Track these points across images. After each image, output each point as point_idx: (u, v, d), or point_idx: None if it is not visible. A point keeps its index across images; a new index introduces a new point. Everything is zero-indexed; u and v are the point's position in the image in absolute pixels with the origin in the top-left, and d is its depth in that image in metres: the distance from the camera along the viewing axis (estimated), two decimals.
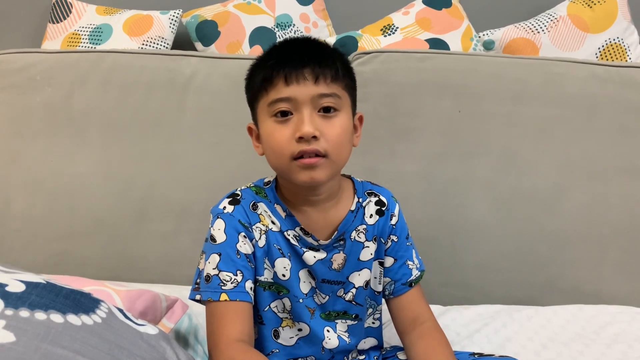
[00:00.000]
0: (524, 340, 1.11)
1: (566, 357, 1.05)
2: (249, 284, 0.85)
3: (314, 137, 0.79)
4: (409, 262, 0.95)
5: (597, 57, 1.99)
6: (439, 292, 1.29)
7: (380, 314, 0.98)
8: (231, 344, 0.80)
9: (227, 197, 0.89)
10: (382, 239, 0.93)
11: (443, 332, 0.91)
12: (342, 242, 0.90)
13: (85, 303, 0.72)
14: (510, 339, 1.11)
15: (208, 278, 0.84)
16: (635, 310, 1.21)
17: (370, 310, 0.96)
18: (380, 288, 0.95)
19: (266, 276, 0.87)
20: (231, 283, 0.84)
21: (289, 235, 0.88)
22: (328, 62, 0.81)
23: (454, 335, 1.13)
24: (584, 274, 1.29)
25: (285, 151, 0.80)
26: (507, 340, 1.11)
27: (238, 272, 0.84)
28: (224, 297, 0.83)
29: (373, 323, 0.98)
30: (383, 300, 0.97)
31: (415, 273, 0.95)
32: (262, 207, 0.88)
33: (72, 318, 0.67)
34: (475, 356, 0.88)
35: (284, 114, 0.81)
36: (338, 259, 0.90)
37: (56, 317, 0.66)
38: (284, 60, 0.81)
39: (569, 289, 1.29)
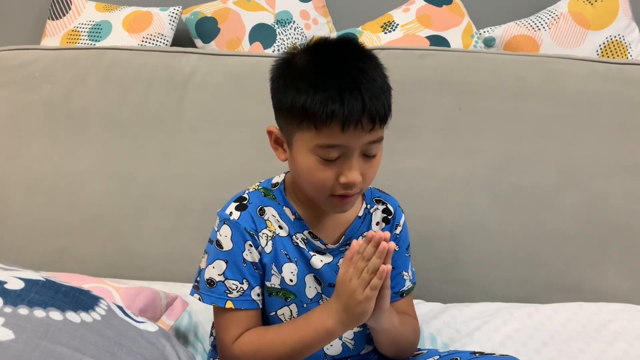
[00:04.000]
0: (524, 338, 1.11)
1: (567, 355, 1.05)
2: (255, 291, 0.86)
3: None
4: (404, 273, 0.96)
5: (598, 55, 1.99)
6: (439, 290, 1.28)
7: None
8: (233, 345, 0.84)
9: (234, 201, 0.88)
10: None
11: (418, 328, 0.95)
12: (348, 247, 0.90)
13: (84, 300, 0.72)
14: (510, 337, 1.11)
15: (212, 283, 0.85)
16: (636, 308, 1.21)
17: None
18: None
19: (273, 282, 0.87)
20: (237, 292, 0.84)
21: (297, 238, 0.88)
22: (382, 100, 0.78)
23: (454, 333, 1.13)
24: (585, 272, 1.29)
25: (326, 190, 0.80)
26: (507, 338, 1.10)
27: (244, 280, 0.85)
28: (229, 304, 0.84)
29: (367, 328, 0.97)
30: None
31: (408, 284, 0.96)
32: (269, 212, 0.88)
33: (72, 315, 0.67)
34: (476, 355, 0.88)
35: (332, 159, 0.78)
36: None
37: (55, 315, 0.66)
38: (342, 100, 0.75)
39: (570, 286, 1.28)
